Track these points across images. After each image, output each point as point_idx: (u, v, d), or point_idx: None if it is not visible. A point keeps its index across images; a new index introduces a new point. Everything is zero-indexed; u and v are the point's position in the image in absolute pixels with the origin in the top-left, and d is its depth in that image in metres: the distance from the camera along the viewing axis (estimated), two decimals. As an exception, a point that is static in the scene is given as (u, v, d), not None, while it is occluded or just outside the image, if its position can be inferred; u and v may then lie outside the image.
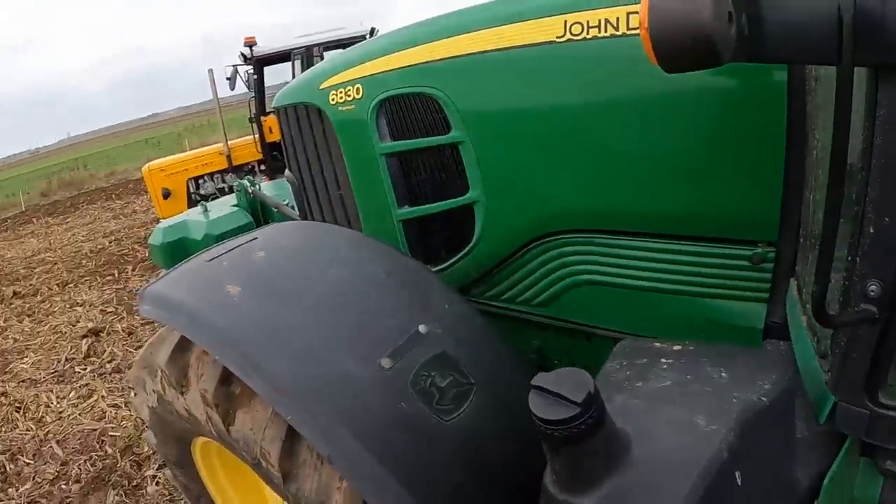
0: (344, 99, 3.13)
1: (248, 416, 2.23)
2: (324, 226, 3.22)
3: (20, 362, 9.27)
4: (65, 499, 5.52)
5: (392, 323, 2.23)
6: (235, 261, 2.50)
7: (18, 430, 7.07)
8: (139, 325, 9.09)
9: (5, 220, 28.75)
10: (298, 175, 3.83)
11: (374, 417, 1.97)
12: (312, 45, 11.75)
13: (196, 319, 2.23)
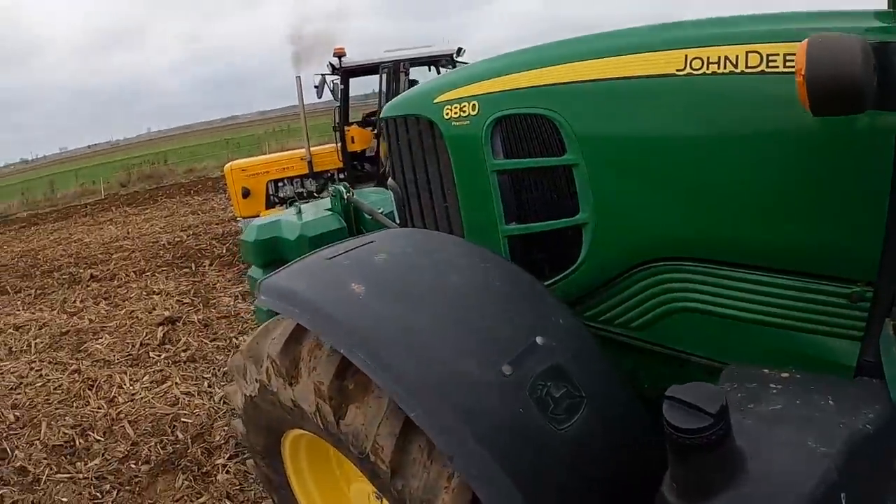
0: (458, 114, 3.19)
1: (361, 412, 2.29)
2: (440, 234, 3.27)
3: (95, 342, 9.51)
4: (133, 478, 5.61)
5: (511, 332, 2.28)
6: (357, 261, 2.58)
7: (90, 408, 7.24)
8: (215, 318, 9.27)
9: (85, 206, 29.43)
10: (402, 184, 3.90)
11: (494, 421, 2.02)
12: (400, 60, 11.94)
13: (322, 315, 2.32)
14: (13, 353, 10.11)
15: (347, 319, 2.25)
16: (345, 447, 2.40)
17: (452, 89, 3.28)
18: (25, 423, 7.30)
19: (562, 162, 2.80)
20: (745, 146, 2.24)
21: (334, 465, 3.34)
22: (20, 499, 5.73)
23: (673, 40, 2.38)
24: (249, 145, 42.15)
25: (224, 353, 7.78)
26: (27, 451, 6.58)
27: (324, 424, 2.45)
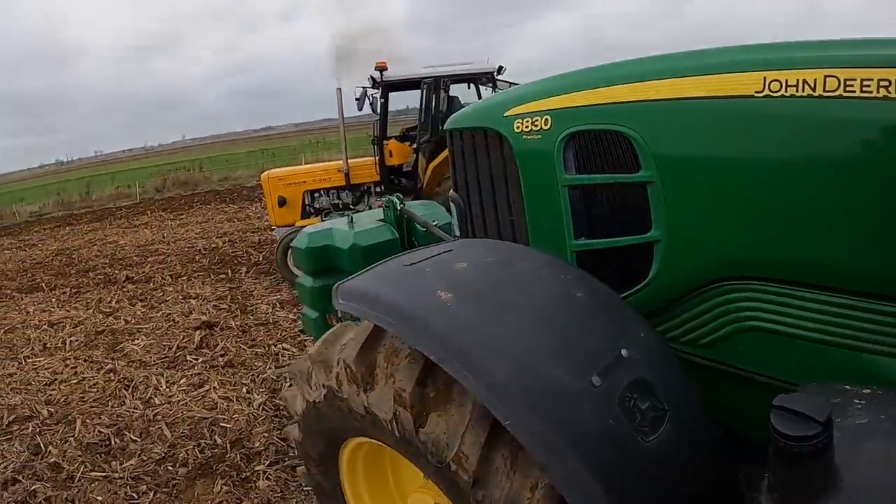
0: (530, 128, 3.17)
1: (443, 420, 2.26)
2: (517, 245, 3.24)
3: (131, 343, 9.57)
4: (170, 480, 5.60)
5: (597, 343, 2.26)
6: (440, 268, 2.56)
7: (126, 407, 7.26)
8: (253, 324, 9.28)
9: (120, 209, 29.75)
10: (465, 196, 3.87)
11: (586, 431, 2.00)
12: (441, 77, 12.03)
13: (410, 320, 2.29)
14: (48, 350, 10.21)
15: (436, 326, 2.22)
16: (421, 456, 2.36)
17: (524, 103, 3.25)
18: (59, 419, 7.34)
19: (636, 179, 2.76)
20: (820, 169, 2.24)
21: (389, 477, 3.31)
22: (54, 495, 5.73)
23: (752, 62, 2.36)
24: (285, 156, 42.48)
25: (262, 360, 7.77)
26: (61, 447, 6.60)
27: (400, 432, 2.41)
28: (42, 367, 9.35)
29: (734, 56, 2.46)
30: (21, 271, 18.20)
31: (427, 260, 2.65)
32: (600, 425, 2.03)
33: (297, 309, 9.32)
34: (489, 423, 2.13)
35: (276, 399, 6.56)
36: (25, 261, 20.22)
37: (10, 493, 5.92)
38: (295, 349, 7.89)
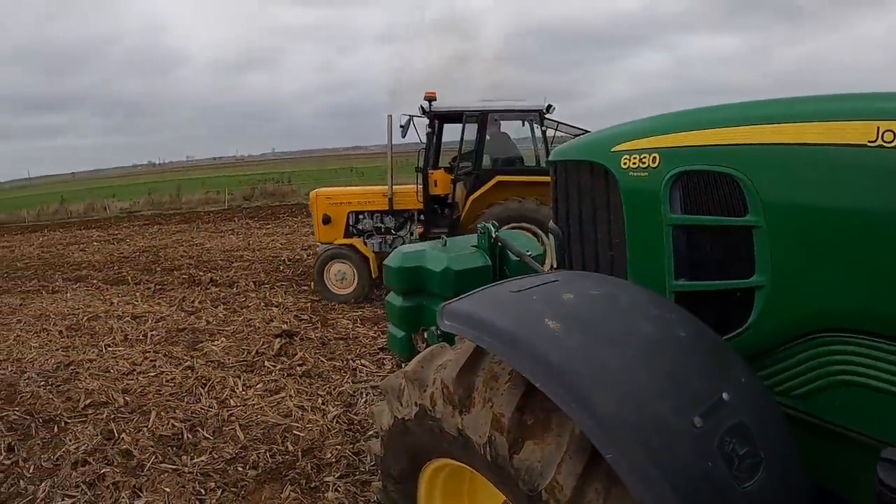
0: (637, 165, 3.15)
1: (539, 448, 2.24)
2: (623, 280, 3.22)
3: (211, 343, 9.75)
4: (239, 480, 5.65)
5: (699, 384, 2.24)
6: (547, 297, 2.56)
7: (201, 405, 7.38)
8: (333, 338, 9.36)
9: (208, 213, 30.37)
10: (566, 229, 3.86)
11: (686, 472, 1.98)
12: (488, 111, 12.09)
13: (517, 346, 2.28)
14: (128, 341, 10.49)
15: (543, 353, 2.21)
16: (511, 483, 2.34)
17: (633, 139, 3.24)
18: (135, 408, 7.52)
19: (742, 223, 2.72)
20: None
21: (465, 502, 3.29)
22: (122, 481, 5.86)
23: (866, 111, 2.32)
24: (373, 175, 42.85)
25: (340, 374, 7.82)
26: (134, 436, 6.75)
27: (493, 457, 2.39)
28: (122, 356, 9.60)
29: (847, 104, 2.42)
30: (108, 263, 18.77)
31: (534, 288, 2.64)
32: (699, 467, 2.01)
33: (378, 327, 9.40)
34: (587, 455, 2.11)
35: (350, 413, 6.58)
36: (113, 254, 20.84)
37: (80, 473, 6.08)
38: (373, 366, 7.92)
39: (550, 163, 4.02)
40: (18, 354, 10.38)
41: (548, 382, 2.14)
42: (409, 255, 5.14)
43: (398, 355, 5.26)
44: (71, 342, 10.83)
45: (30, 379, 9.06)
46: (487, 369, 2.55)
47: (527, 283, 2.71)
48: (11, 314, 13.54)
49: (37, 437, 7.07)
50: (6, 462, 6.56)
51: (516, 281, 2.81)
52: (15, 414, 7.78)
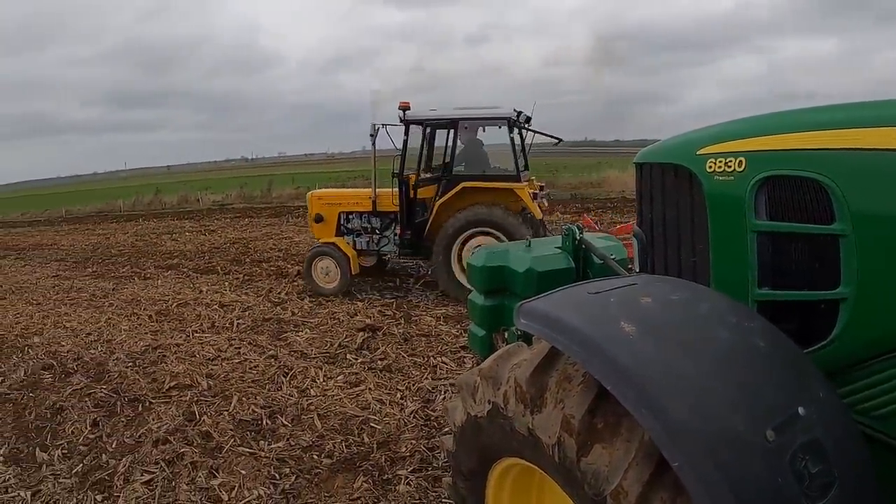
0: (723, 169, 3.07)
1: (607, 452, 2.22)
2: (703, 286, 3.16)
3: (295, 334, 9.92)
4: (314, 468, 5.73)
5: (775, 397, 2.18)
6: (624, 300, 2.52)
7: (281, 393, 7.53)
8: (415, 334, 9.42)
9: (298, 208, 30.79)
10: (649, 232, 3.80)
11: (754, 486, 1.93)
12: (458, 118, 12.36)
13: (592, 347, 2.26)
14: (215, 328, 10.76)
15: (617, 357, 2.19)
16: (577, 485, 2.32)
17: (719, 142, 3.15)
18: (217, 393, 7.73)
19: (829, 231, 2.63)
20: None
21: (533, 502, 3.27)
22: (200, 461, 6.04)
23: None
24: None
25: (420, 370, 7.86)
26: (215, 418, 6.95)
27: (560, 458, 2.38)
28: (207, 342, 9.84)
29: None
30: (199, 253, 19.26)
31: (611, 290, 2.61)
32: (769, 482, 1.97)
33: (461, 325, 9.42)
34: (654, 462, 2.08)
35: (428, 409, 6.61)
36: (204, 244, 21.38)
37: (160, 451, 6.29)
38: (453, 364, 7.94)
39: (636, 164, 3.96)
40: (109, 336, 10.77)
41: (620, 386, 2.12)
42: (492, 255, 5.12)
43: (478, 354, 5.25)
44: (160, 327, 11.18)
45: (118, 360, 9.39)
46: (561, 370, 2.54)
47: (605, 286, 2.68)
48: (104, 298, 14.05)
49: (121, 414, 7.34)
50: (90, 436, 6.84)
51: (595, 283, 2.78)
52: (102, 392, 8.08)
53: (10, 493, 5.88)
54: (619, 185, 30.57)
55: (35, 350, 10.44)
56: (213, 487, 5.54)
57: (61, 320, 12.38)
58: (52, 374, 9.14)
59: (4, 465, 6.43)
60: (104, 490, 5.73)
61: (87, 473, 6.06)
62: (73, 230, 33.39)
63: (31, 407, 7.96)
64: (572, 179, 34.97)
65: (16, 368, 9.53)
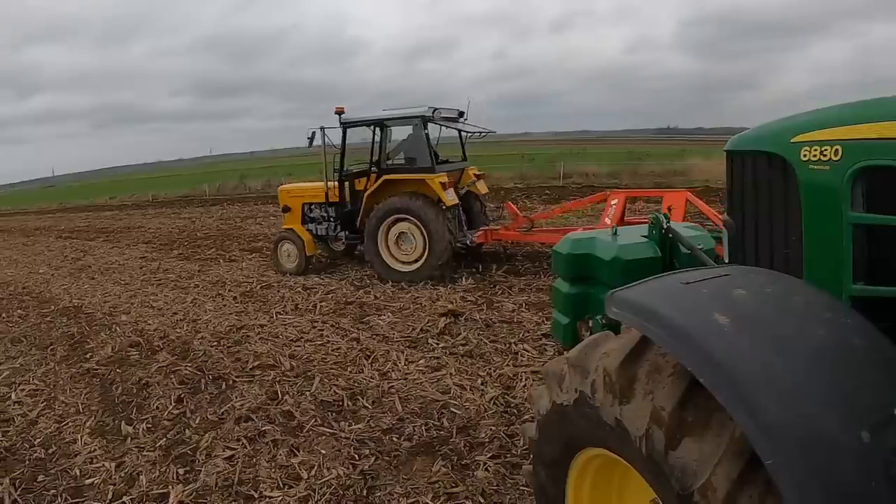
0: (818, 158, 2.94)
1: (697, 447, 2.17)
2: (799, 280, 3.05)
3: (377, 317, 10.02)
4: (393, 450, 5.77)
5: (871, 397, 2.09)
6: (717, 291, 2.46)
7: (363, 375, 7.62)
8: (497, 320, 9.39)
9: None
10: (740, 222, 3.67)
11: (846, 488, 1.87)
12: (381, 119, 13.68)
13: (684, 339, 2.22)
14: (298, 310, 10.97)
15: (710, 349, 2.13)
16: (663, 479, 2.28)
17: (814, 130, 3.01)
18: (300, 373, 7.87)
19: None
20: None
21: (614, 495, 3.20)
22: (281, 439, 6.16)
23: None
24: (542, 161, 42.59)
25: (502, 356, 7.83)
26: (297, 398, 7.09)
27: (648, 451, 2.33)
28: (291, 324, 10.03)
29: None
30: (283, 238, 19.56)
31: (703, 281, 2.55)
32: (861, 485, 1.89)
33: (543, 312, 9.35)
34: (745, 459, 2.03)
35: (508, 396, 6.59)
36: (287, 229, 21.68)
37: (242, 428, 6.45)
38: (535, 351, 7.88)
39: (726, 152, 3.82)
40: (194, 316, 11.11)
41: (713, 380, 2.07)
42: (578, 243, 5.04)
43: (561, 342, 5.18)
44: (244, 307, 11.45)
45: (203, 339, 9.69)
46: (651, 360, 2.49)
47: (697, 276, 2.62)
48: (190, 279, 14.47)
49: (205, 392, 7.56)
50: (174, 412, 7.07)
51: (687, 273, 2.72)
52: (187, 370, 8.32)
53: (95, 464, 6.10)
54: (703, 173, 29.88)
55: (123, 328, 10.83)
56: (293, 465, 5.63)
57: (148, 300, 12.83)
58: (138, 352, 9.47)
59: (91, 437, 6.69)
60: (186, 464, 5.90)
61: (170, 447, 6.24)
62: (160, 214, 34.41)
63: (118, 382, 8.27)
64: (656, 168, 34.40)
65: (104, 345, 9.91)
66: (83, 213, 42.35)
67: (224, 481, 5.52)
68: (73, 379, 8.66)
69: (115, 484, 5.70)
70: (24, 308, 13.48)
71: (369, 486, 5.23)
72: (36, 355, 9.95)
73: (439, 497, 4.98)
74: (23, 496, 5.68)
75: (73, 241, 26.15)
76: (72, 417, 7.30)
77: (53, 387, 8.41)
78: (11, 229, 35.94)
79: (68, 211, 48.93)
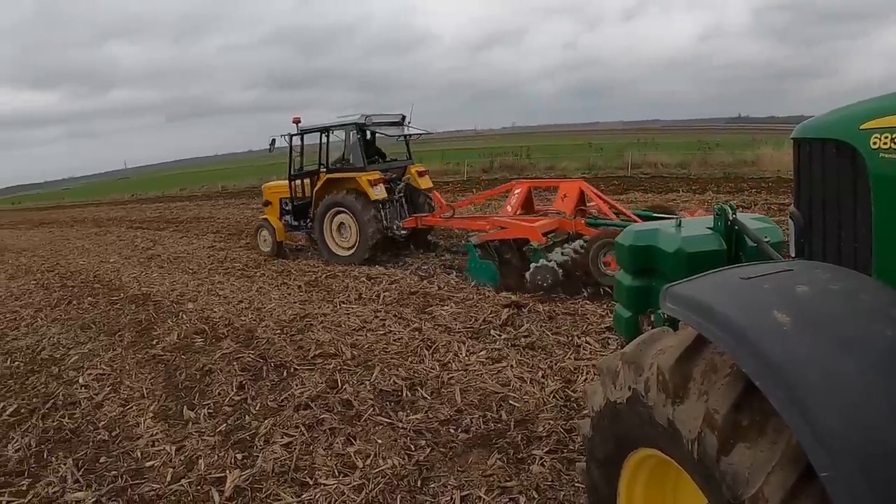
0: (889, 146, 2.79)
1: (750, 453, 2.08)
2: (867, 277, 2.92)
3: (440, 308, 10.00)
4: (449, 441, 5.75)
5: None
6: (777, 287, 2.35)
7: (423, 366, 7.60)
8: (560, 312, 9.27)
9: (447, 184, 30.94)
10: (807, 214, 3.53)
11: None
12: (326, 126, 15.67)
13: (741, 339, 2.11)
14: (362, 300, 11.01)
15: (769, 350, 2.03)
16: (714, 485, 2.19)
17: (884, 116, 2.86)
18: (360, 362, 7.89)
19: None
20: None
21: (668, 498, 3.11)
22: (339, 427, 6.21)
23: None
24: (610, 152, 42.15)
25: (563, 349, 7.73)
26: (356, 387, 7.11)
27: (699, 454, 2.24)
28: (354, 313, 10.07)
29: None
30: (347, 227, 19.71)
31: (765, 276, 2.43)
32: None
33: (607, 305, 9.22)
34: (800, 469, 1.92)
35: (568, 390, 6.50)
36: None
37: (301, 416, 6.52)
38: (597, 345, 7.76)
39: (793, 140, 3.67)
40: (259, 304, 11.25)
41: (770, 383, 1.97)
42: (641, 234, 4.94)
43: (623, 336, 5.08)
44: (308, 297, 11.57)
45: (267, 327, 9.79)
46: (707, 360, 2.40)
47: (758, 271, 2.51)
48: (256, 268, 14.73)
49: (266, 379, 7.64)
50: (236, 398, 7.18)
51: (747, 267, 2.62)
52: (249, 357, 8.43)
53: (156, 447, 6.23)
54: (774, 164, 29.18)
55: (189, 315, 11.03)
56: (349, 454, 5.65)
57: (215, 288, 13.05)
58: (203, 339, 9.64)
59: (153, 421, 6.83)
60: (245, 449, 5.98)
61: (229, 432, 6.34)
62: (229, 204, 34.99)
63: (182, 368, 8.43)
64: (726, 157, 33.73)
65: (170, 332, 10.10)
66: (154, 205, 43.33)
67: (280, 467, 5.57)
68: (138, 364, 8.85)
69: (174, 467, 5.81)
70: (95, 296, 13.80)
71: (423, 478, 5.22)
72: (104, 341, 10.18)
73: (493, 490, 4.93)
74: (85, 476, 5.82)
75: (143, 231, 26.79)
76: (136, 401, 7.46)
77: (120, 372, 8.61)
78: (84, 220, 36.86)
79: (140, 202, 50.03)
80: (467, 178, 37.88)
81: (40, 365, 9.32)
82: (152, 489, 5.50)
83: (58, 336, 10.69)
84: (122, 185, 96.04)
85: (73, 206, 56.94)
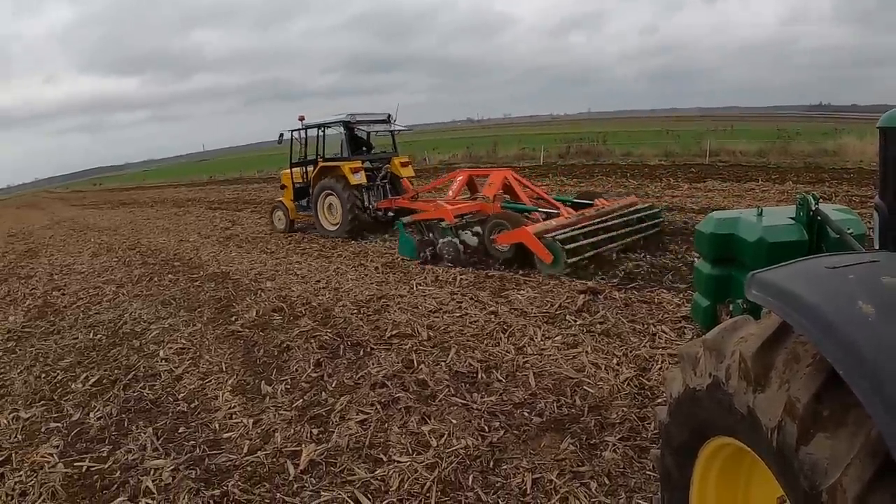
0: None
1: (830, 444, 2.05)
2: None
3: (517, 292, 10.04)
4: (523, 424, 5.79)
5: None
6: (863, 277, 2.32)
7: (499, 349, 7.66)
8: (636, 300, 9.21)
9: (523, 169, 30.84)
10: (891, 203, 3.50)
11: None
12: (320, 123, 18.89)
13: (826, 329, 2.08)
14: (439, 282, 11.15)
15: (852, 338, 2.00)
16: (792, 475, 2.17)
17: None
18: (436, 343, 8.00)
19: None
20: None
21: (740, 488, 3.10)
22: (414, 406, 6.32)
23: None
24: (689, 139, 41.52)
25: (639, 337, 7.68)
26: (432, 368, 7.23)
27: (778, 444, 2.23)
28: (430, 295, 10.21)
29: None
30: (426, 211, 19.87)
31: (851, 266, 2.40)
32: None
33: (683, 294, 9.13)
34: (879, 461, 1.89)
35: (643, 378, 6.47)
36: (431, 202, 21.96)
37: (377, 394, 6.65)
38: (673, 333, 7.68)
39: (879, 129, 3.60)
40: (336, 284, 11.50)
41: (853, 373, 1.93)
42: (722, 222, 4.90)
43: (700, 325, 5.06)
44: (385, 278, 11.75)
45: (344, 306, 10.01)
46: (790, 349, 2.37)
47: (844, 261, 2.47)
48: (333, 249, 15.14)
49: (343, 357, 7.81)
50: (313, 375, 7.37)
51: (832, 257, 2.58)
52: (327, 335, 8.62)
53: (234, 419, 6.45)
54: (857, 154, 28.30)
55: (267, 294, 11.36)
56: (423, 433, 5.75)
57: (293, 268, 13.40)
58: (281, 316, 9.90)
59: (231, 395, 7.06)
60: (320, 425, 6.14)
61: (306, 408, 6.51)
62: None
63: (261, 344, 8.68)
64: (807, 147, 32.90)
65: (249, 309, 10.42)
66: (231, 186, 44.17)
67: (355, 443, 5.69)
68: (217, 340, 9.13)
69: (251, 439, 5.98)
70: (175, 273, 14.30)
71: (496, 459, 5.26)
72: (184, 317, 10.53)
73: (564, 475, 4.95)
74: (164, 445, 6.04)
75: (222, 211, 27.56)
76: (215, 375, 7.71)
77: (199, 346, 8.90)
78: (164, 200, 37.83)
79: (218, 183, 50.93)
80: (543, 162, 37.74)
81: (122, 338, 9.72)
82: (229, 459, 5.67)
83: (139, 311, 11.15)
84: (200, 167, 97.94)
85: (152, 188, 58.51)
